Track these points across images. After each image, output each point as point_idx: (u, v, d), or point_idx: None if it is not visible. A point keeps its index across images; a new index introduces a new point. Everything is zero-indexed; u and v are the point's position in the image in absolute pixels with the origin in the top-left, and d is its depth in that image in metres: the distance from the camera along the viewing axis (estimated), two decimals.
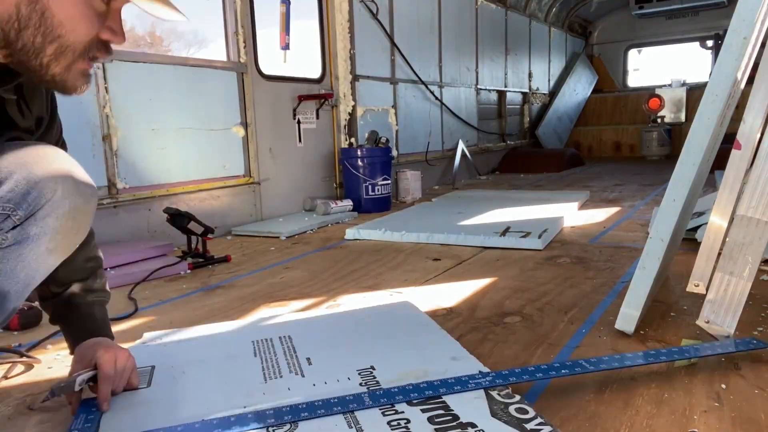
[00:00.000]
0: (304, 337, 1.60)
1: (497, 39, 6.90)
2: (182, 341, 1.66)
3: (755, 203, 1.43)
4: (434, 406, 1.16)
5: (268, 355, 1.48)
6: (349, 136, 4.50)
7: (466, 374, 1.28)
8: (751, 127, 1.55)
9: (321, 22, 4.29)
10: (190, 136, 3.30)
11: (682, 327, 1.63)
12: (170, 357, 1.50)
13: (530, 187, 5.36)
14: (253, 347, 1.54)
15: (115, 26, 0.96)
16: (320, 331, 1.67)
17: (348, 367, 1.37)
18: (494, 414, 1.12)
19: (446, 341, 1.53)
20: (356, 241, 3.13)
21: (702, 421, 1.12)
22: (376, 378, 1.30)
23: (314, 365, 1.40)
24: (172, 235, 2.92)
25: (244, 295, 2.18)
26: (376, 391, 1.21)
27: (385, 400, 1.17)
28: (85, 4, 0.91)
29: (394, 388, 1.22)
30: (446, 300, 1.99)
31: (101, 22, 0.94)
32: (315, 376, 1.33)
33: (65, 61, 0.93)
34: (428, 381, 1.24)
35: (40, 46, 0.90)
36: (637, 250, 2.60)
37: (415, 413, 1.14)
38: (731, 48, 1.39)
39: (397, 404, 1.16)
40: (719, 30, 8.19)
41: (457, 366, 1.35)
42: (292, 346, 1.53)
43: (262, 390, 1.27)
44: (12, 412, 1.27)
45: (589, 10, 9.15)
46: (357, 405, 1.16)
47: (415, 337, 1.58)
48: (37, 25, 0.88)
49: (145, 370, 1.38)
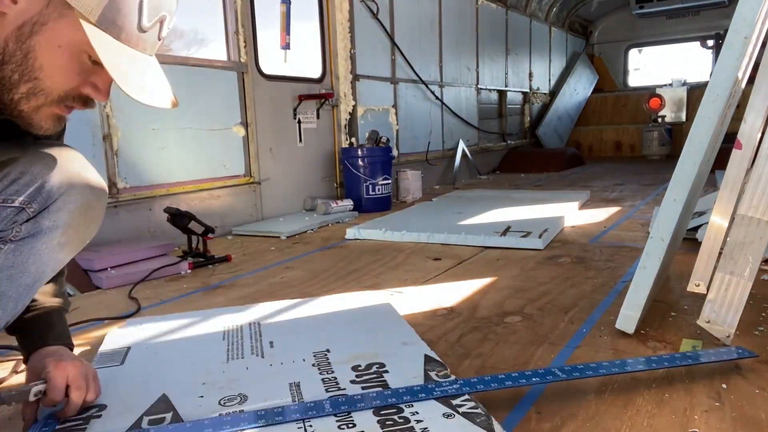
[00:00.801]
0: (271, 325, 1.71)
1: (498, 39, 6.90)
2: (160, 325, 1.76)
3: (756, 203, 1.43)
4: (369, 375, 1.29)
5: (235, 338, 1.59)
6: (350, 135, 4.50)
7: (418, 367, 1.31)
8: (752, 126, 1.55)
9: (321, 21, 4.29)
10: (191, 136, 3.30)
11: (683, 327, 1.62)
12: (145, 339, 1.64)
13: (531, 186, 5.36)
14: (223, 332, 1.66)
15: (100, 84, 0.96)
16: (280, 319, 1.77)
17: (305, 350, 1.47)
18: (430, 393, 1.18)
19: (404, 331, 1.59)
20: (357, 241, 3.13)
21: (702, 421, 1.12)
22: (328, 359, 1.40)
23: (275, 348, 1.50)
24: (173, 235, 2.92)
25: (244, 294, 2.18)
26: (339, 398, 1.19)
27: (346, 407, 1.14)
28: (71, 57, 0.92)
29: (358, 395, 1.19)
30: (447, 300, 1.99)
31: (85, 76, 0.95)
32: (274, 357, 1.44)
33: (35, 102, 0.94)
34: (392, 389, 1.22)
35: (15, 82, 0.91)
36: (637, 249, 2.60)
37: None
38: (732, 47, 1.38)
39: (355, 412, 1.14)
40: (720, 30, 8.18)
41: (406, 350, 1.43)
42: (259, 332, 1.64)
43: (222, 369, 1.38)
44: (12, 412, 1.27)
45: (590, 9, 9.15)
46: (317, 412, 1.13)
47: (375, 326, 1.66)
48: (18, 63, 0.90)
49: (121, 350, 1.54)
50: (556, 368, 1.30)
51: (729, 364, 1.37)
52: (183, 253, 2.72)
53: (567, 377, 1.26)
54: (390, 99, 5.02)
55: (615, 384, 1.29)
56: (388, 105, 4.98)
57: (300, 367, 1.36)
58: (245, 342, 1.55)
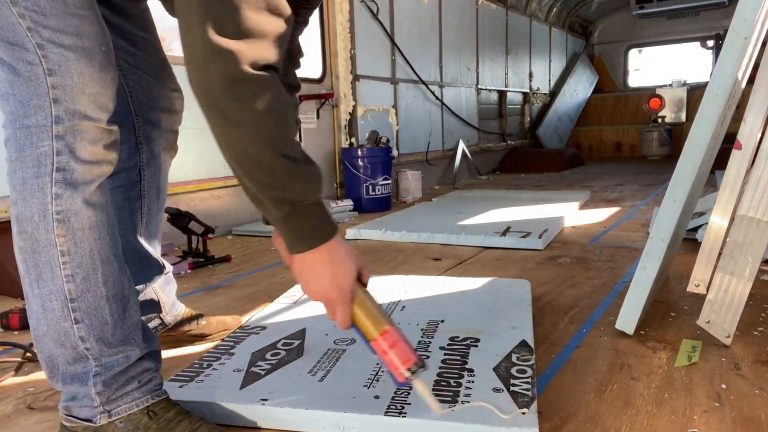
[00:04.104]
0: (411, 291, 1.94)
1: (498, 39, 6.90)
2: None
3: (756, 203, 1.43)
4: (458, 346, 1.43)
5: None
6: (350, 135, 4.50)
7: (507, 348, 1.40)
8: (752, 127, 1.55)
9: (321, 21, 4.29)
10: (191, 136, 3.29)
11: (683, 327, 1.63)
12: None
13: (531, 187, 5.36)
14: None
15: None
16: (428, 290, 1.96)
17: (425, 316, 1.67)
18: (497, 368, 1.28)
19: (521, 316, 1.65)
20: (357, 241, 3.13)
21: (702, 421, 1.12)
22: (437, 328, 1.58)
23: (404, 312, 1.73)
24: (173, 235, 2.92)
25: (244, 294, 2.18)
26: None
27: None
28: None
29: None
30: None
31: None
32: (397, 319, 1.65)
33: None
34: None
35: None
36: (637, 250, 2.60)
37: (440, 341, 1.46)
38: (732, 48, 1.38)
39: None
40: (720, 30, 8.18)
41: (510, 333, 1.51)
42: (399, 297, 1.88)
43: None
44: (12, 411, 1.27)
45: (590, 10, 9.15)
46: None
47: (498, 306, 1.75)
48: None
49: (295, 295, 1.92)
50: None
51: (729, 364, 1.37)
52: (183, 253, 2.72)
53: None
54: (390, 99, 5.01)
55: (615, 384, 1.29)
56: (388, 105, 4.98)
57: (409, 329, 1.56)
58: (383, 305, 1.68)
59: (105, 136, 0.99)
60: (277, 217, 0.96)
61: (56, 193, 0.95)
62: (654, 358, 1.43)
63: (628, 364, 1.40)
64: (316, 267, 0.98)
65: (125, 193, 1.39)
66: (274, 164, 0.91)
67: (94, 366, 1.01)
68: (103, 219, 1.01)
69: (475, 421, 1.06)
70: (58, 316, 0.98)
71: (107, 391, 1.02)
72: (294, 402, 1.17)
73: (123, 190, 1.39)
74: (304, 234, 0.97)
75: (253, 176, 0.93)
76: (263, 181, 0.93)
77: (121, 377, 1.03)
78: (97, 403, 1.02)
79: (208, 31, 0.85)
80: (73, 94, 0.94)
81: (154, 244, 1.51)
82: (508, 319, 1.61)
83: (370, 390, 1.20)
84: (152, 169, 1.45)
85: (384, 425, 1.10)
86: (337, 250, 0.99)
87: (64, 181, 0.95)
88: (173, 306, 1.57)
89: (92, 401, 1.01)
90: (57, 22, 0.91)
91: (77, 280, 0.98)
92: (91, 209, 0.98)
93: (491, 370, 1.27)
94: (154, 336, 1.12)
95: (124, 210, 1.39)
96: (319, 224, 0.97)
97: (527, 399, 1.13)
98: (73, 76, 0.93)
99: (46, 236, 0.96)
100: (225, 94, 0.88)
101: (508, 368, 1.28)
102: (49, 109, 0.93)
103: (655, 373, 1.34)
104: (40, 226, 0.95)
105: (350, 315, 1.01)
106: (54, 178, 0.94)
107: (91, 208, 0.98)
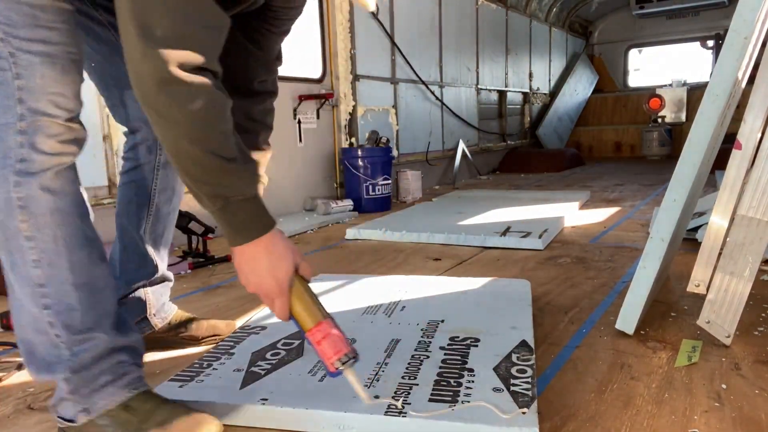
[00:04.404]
0: (411, 291, 1.95)
1: (498, 39, 6.90)
2: (335, 283, 2.09)
3: (756, 203, 1.43)
4: (458, 346, 1.44)
5: (379, 301, 1.85)
6: (350, 135, 4.50)
7: (507, 348, 1.40)
8: (752, 127, 1.55)
9: (321, 21, 4.29)
10: None
11: (683, 327, 1.62)
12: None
13: (531, 187, 5.36)
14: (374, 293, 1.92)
15: None
16: (428, 290, 1.97)
17: (425, 317, 1.67)
18: (497, 368, 1.29)
19: (521, 316, 1.65)
20: (357, 241, 3.13)
21: (702, 422, 1.12)
22: (437, 328, 1.58)
23: (403, 312, 1.73)
24: (173, 235, 2.92)
25: (244, 294, 2.17)
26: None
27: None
28: None
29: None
30: None
31: None
32: (397, 318, 1.68)
33: None
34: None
35: None
36: (637, 250, 2.60)
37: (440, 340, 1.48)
38: (732, 48, 1.38)
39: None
40: (720, 30, 8.18)
41: (510, 333, 1.51)
42: (399, 297, 1.89)
43: (353, 318, 1.68)
44: (12, 411, 1.27)
45: (590, 10, 9.15)
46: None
47: (498, 306, 1.76)
48: None
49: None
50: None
51: (729, 364, 1.37)
52: (183, 253, 2.72)
53: None
54: (390, 99, 5.01)
55: (615, 384, 1.29)
56: (388, 105, 4.98)
57: (410, 329, 1.58)
58: (383, 304, 1.81)
59: (63, 131, 1.03)
60: (212, 210, 1.02)
61: (16, 181, 1.00)
62: (654, 358, 1.43)
63: (628, 364, 1.40)
64: (254, 259, 1.04)
65: (136, 189, 1.46)
66: (206, 161, 0.98)
67: (68, 355, 1.03)
68: (65, 205, 1.04)
69: (475, 421, 1.06)
70: (30, 302, 1.02)
71: (75, 378, 1.02)
72: (294, 402, 1.17)
73: (134, 185, 1.46)
74: (239, 227, 1.03)
75: (188, 172, 1.00)
76: (197, 177, 0.99)
77: (93, 368, 1.04)
78: (66, 393, 1.03)
79: (139, 36, 0.91)
80: (36, 94, 1.00)
81: (159, 246, 1.54)
82: (509, 319, 1.61)
83: (370, 390, 1.20)
84: (168, 171, 1.49)
85: (384, 425, 1.10)
86: (275, 244, 1.05)
87: (25, 170, 1.00)
88: (162, 307, 1.57)
89: (61, 391, 1.03)
90: (26, 33, 0.99)
91: (43, 265, 1.01)
92: (49, 194, 1.02)
93: (491, 370, 1.28)
94: (134, 331, 1.13)
95: (132, 204, 1.46)
96: (253, 218, 1.03)
97: (527, 399, 1.13)
98: (36, 77, 1.00)
99: (13, 223, 1.01)
100: (158, 94, 0.94)
101: (508, 368, 1.29)
102: (15, 108, 1.00)
103: (655, 373, 1.34)
104: (6, 213, 1.01)
105: (288, 307, 1.06)
106: (15, 169, 1.00)
107: (49, 194, 1.02)
